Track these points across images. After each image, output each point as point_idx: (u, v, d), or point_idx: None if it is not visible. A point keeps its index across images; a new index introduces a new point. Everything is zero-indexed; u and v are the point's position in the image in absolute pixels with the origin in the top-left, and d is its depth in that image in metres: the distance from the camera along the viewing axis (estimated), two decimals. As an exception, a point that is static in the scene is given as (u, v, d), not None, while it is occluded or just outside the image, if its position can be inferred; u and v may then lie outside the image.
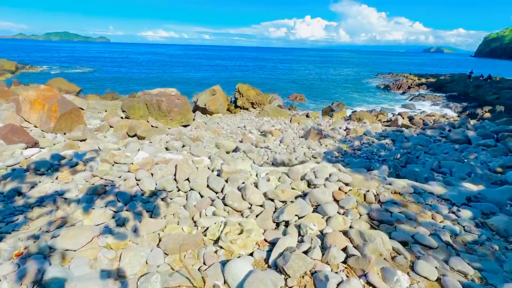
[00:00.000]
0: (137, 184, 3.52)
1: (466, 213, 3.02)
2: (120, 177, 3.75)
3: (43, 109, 7.96)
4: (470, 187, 3.93)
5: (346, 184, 3.37)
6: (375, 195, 3.24)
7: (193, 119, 12.46)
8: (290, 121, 13.01)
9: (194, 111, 13.56)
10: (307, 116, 15.04)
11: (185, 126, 11.19)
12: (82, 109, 13.13)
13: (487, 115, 14.46)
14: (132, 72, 36.08)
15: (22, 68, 34.48)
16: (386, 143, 8.88)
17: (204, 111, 13.54)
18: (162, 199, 3.18)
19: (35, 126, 8.10)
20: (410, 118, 13.40)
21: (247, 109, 16.39)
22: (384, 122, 13.80)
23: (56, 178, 3.71)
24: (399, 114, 14.73)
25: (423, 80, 31.56)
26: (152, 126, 9.89)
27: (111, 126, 9.81)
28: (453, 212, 3.07)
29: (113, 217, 2.87)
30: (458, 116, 15.52)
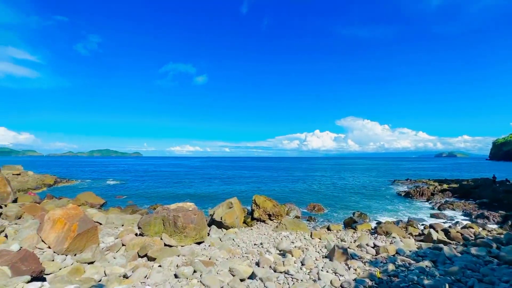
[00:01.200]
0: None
1: None
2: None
3: (63, 229, 8.08)
4: None
5: None
6: None
7: (208, 234, 11.94)
8: (311, 236, 12.06)
9: (210, 225, 13.19)
10: (328, 229, 14.04)
11: (199, 243, 10.61)
12: (100, 223, 13.25)
13: (535, 226, 12.79)
14: (156, 185, 38.35)
15: (60, 181, 38.00)
16: (427, 266, 7.62)
17: (220, 225, 13.13)
18: None
19: (49, 247, 7.98)
20: (446, 232, 12.04)
21: (264, 221, 15.80)
22: (416, 236, 12.44)
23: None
24: (431, 226, 13.44)
25: (445, 185, 30.57)
26: (165, 244, 9.46)
27: (123, 244, 9.48)
28: None
29: None
30: (501, 227, 13.81)
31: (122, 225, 13.44)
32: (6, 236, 9.40)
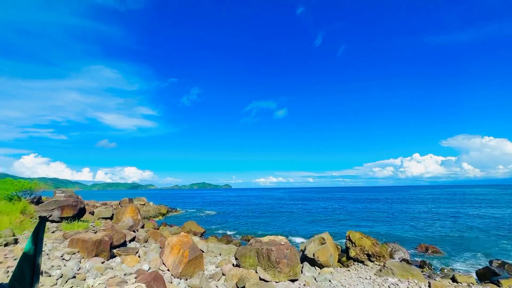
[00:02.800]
0: None
1: None
2: None
3: (178, 254, 9.41)
4: None
5: None
6: None
7: (301, 272, 11.38)
8: (429, 287, 9.73)
9: (301, 261, 12.61)
10: (454, 280, 11.02)
11: (292, 280, 10.22)
12: (203, 251, 14.72)
13: None
14: (245, 215, 40.47)
15: (171, 211, 45.35)
16: None
17: (313, 262, 12.36)
18: None
19: (168, 270, 9.37)
20: None
21: (362, 262, 13.93)
22: None
23: None
24: None
25: None
26: (260, 278, 9.57)
27: (223, 274, 10.13)
28: None
29: None
30: None
31: (220, 254, 14.53)
32: (139, 256, 11.65)
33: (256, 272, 9.97)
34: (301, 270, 11.44)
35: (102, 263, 9.58)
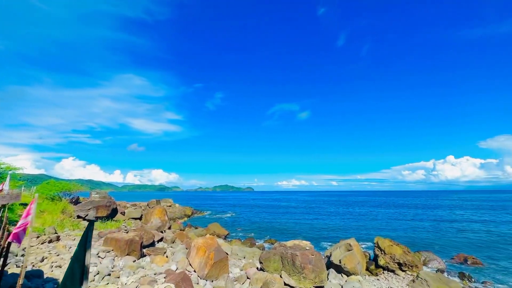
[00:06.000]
0: None
1: None
2: None
3: (204, 256, 9.63)
4: None
5: None
6: None
7: (327, 279, 11.08)
8: (469, 301, 8.97)
9: (327, 268, 12.28)
10: (499, 295, 10.06)
11: (318, 287, 9.98)
12: (227, 254, 14.91)
13: None
14: (268, 218, 40.33)
15: (195, 213, 46.55)
16: None
17: (339, 269, 11.97)
18: None
19: (194, 271, 9.62)
20: None
21: (393, 271, 13.21)
22: None
23: None
24: None
25: None
26: (285, 283, 9.48)
27: (248, 277, 10.18)
28: None
29: None
30: None
31: (244, 257, 14.61)
32: (167, 256, 12.10)
33: (280, 277, 9.89)
34: (327, 277, 11.13)
35: (134, 261, 10.09)
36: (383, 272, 13.17)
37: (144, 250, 12.08)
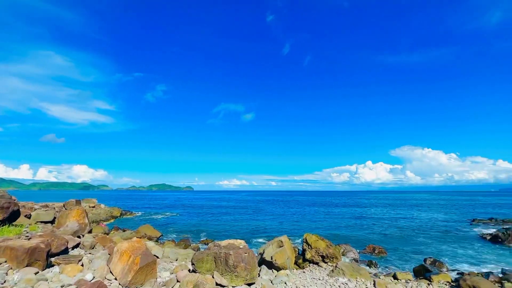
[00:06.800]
0: None
1: None
2: None
3: (128, 261, 8.73)
4: None
5: None
6: None
7: (259, 275, 11.44)
8: (374, 285, 10.55)
9: (260, 265, 12.71)
10: (395, 277, 12.13)
11: (249, 284, 10.20)
12: (157, 257, 13.94)
13: None
14: (206, 219, 39.49)
15: (125, 214, 42.14)
16: None
17: (270, 265, 12.53)
18: None
19: (116, 279, 8.63)
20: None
21: (317, 263, 14.56)
22: (517, 295, 9.83)
23: None
24: (538, 283, 10.52)
25: (549, 229, 24.24)
26: (216, 283, 9.37)
27: (178, 281, 9.68)
28: None
29: None
30: None
31: (176, 260, 13.89)
32: (82, 265, 10.53)
33: (212, 277, 9.74)
34: (259, 274, 11.50)
35: (36, 273, 8.43)
36: (309, 265, 14.38)
37: (53, 259, 10.23)
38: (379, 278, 12.01)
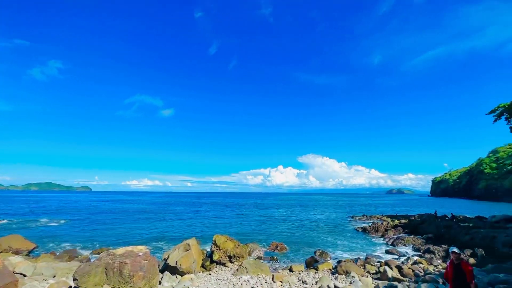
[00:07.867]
0: None
1: None
2: None
3: (-30, 286, 6.52)
4: None
5: None
6: None
7: (160, 283, 10.64)
8: (272, 279, 11.53)
9: (163, 271, 11.86)
10: (290, 270, 13.64)
11: (147, 294, 9.34)
12: (25, 275, 11.05)
13: (472, 260, 14.10)
14: (104, 225, 34.08)
15: (-21, 222, 31.51)
16: (383, 307, 7.70)
17: (175, 270, 11.88)
18: None
19: None
20: (399, 269, 12.57)
21: (224, 264, 14.77)
22: (373, 274, 12.72)
23: None
24: (387, 263, 13.93)
25: (396, 221, 32.77)
26: (105, 299, 8.15)
27: (51, 302, 7.90)
28: None
29: None
30: (444, 262, 14.93)
31: (54, 276, 11.37)
32: None
33: (101, 292, 8.43)
34: (160, 281, 10.72)
35: None
36: (215, 267, 14.42)
37: None
38: (277, 272, 13.22)
